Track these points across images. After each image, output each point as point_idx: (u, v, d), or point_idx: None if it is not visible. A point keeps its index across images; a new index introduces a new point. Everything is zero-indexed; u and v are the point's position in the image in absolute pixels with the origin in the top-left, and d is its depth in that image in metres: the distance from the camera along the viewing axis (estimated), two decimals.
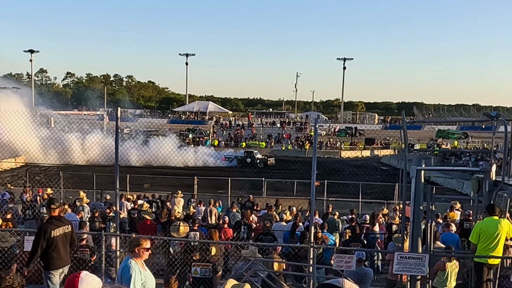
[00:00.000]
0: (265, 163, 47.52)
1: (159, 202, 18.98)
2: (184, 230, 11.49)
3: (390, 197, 23.21)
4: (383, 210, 18.49)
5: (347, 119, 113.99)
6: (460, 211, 16.86)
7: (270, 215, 15.58)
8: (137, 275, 5.80)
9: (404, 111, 11.71)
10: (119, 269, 6.03)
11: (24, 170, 30.60)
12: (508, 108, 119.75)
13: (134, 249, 5.99)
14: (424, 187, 8.71)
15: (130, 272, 5.77)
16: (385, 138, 66.77)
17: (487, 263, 8.48)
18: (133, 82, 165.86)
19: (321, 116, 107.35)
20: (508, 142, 9.54)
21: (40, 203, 17.06)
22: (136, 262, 5.91)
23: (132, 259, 5.92)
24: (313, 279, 9.21)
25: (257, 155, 49.38)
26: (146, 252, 6.04)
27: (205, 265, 9.43)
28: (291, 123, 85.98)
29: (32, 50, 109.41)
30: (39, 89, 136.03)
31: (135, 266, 5.85)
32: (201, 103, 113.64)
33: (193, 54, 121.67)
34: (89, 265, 9.64)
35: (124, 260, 6.03)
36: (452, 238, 11.95)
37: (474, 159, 43.72)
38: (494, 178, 8.85)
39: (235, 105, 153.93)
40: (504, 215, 8.56)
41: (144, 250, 6.01)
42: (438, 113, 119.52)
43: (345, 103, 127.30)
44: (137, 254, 5.98)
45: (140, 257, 5.99)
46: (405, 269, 8.20)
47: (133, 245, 6.03)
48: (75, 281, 3.05)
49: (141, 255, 6.00)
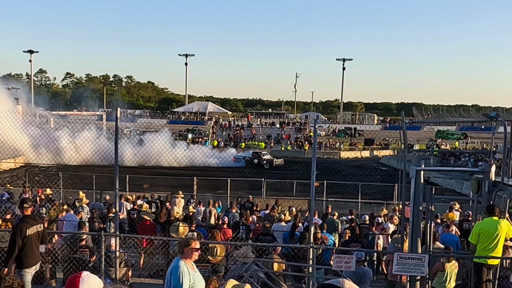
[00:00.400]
0: (271, 164, 47.22)
1: (158, 203, 18.97)
2: (184, 231, 11.49)
3: (390, 198, 23.23)
4: (383, 210, 18.50)
5: (346, 119, 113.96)
6: (459, 212, 16.87)
7: (272, 215, 15.59)
8: (185, 276, 5.79)
9: (404, 111, 11.74)
10: (168, 270, 6.00)
11: (23, 171, 30.57)
12: (507, 109, 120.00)
13: (183, 250, 5.99)
14: (424, 188, 8.71)
15: (179, 273, 5.77)
16: (385, 139, 66.85)
17: (487, 263, 8.49)
18: (132, 83, 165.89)
19: (320, 117, 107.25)
20: (507, 143, 9.54)
21: (39, 204, 17.04)
22: (185, 263, 5.91)
23: (181, 260, 5.92)
24: (313, 279, 9.21)
25: (264, 156, 48.98)
26: (195, 252, 6.04)
27: (205, 266, 9.43)
28: (291, 124, 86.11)
29: (31, 51, 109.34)
30: (38, 90, 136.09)
31: (184, 267, 5.85)
32: (200, 104, 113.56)
33: (192, 55, 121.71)
34: (89, 266, 9.64)
35: (174, 261, 6.02)
36: (452, 238, 11.95)
37: (474, 159, 43.76)
38: (493, 179, 8.85)
39: (235, 106, 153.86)
40: (503, 215, 8.57)
41: (194, 250, 6.01)
42: (438, 114, 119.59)
43: (345, 104, 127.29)
44: (187, 255, 5.97)
45: (189, 258, 5.99)
46: (404, 270, 8.20)
47: (182, 246, 6.03)
48: (76, 281, 3.06)
49: (190, 255, 6.00)
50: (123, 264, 10.10)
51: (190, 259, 6.02)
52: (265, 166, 46.30)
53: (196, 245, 6.05)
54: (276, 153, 59.11)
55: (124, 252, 10.57)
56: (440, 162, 44.06)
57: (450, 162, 44.56)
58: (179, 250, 6.11)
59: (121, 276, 9.86)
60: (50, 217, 14.65)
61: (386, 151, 63.96)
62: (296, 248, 10.64)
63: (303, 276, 10.41)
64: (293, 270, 10.62)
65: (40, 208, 16.21)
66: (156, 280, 11.89)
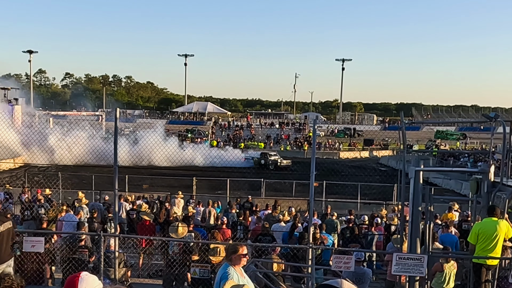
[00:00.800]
0: (275, 164, 46.97)
1: (158, 203, 18.97)
2: (183, 231, 11.49)
3: (389, 198, 23.24)
4: (382, 211, 18.50)
5: (345, 120, 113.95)
6: (458, 212, 16.88)
7: (274, 216, 15.60)
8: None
9: (403, 112, 11.70)
10: (217, 276, 5.87)
11: (22, 171, 30.56)
12: (506, 109, 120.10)
13: (231, 256, 5.88)
14: (423, 188, 8.73)
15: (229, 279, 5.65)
16: (384, 139, 66.88)
17: (486, 264, 8.50)
18: (132, 83, 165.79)
19: (319, 117, 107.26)
20: (506, 143, 9.55)
21: (38, 204, 17.03)
22: (234, 270, 5.81)
23: (230, 267, 5.81)
24: (312, 279, 9.21)
25: (271, 157, 48.40)
26: (243, 258, 5.95)
27: (204, 266, 9.42)
28: (290, 124, 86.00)
29: (31, 51, 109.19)
30: (38, 90, 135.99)
31: (234, 274, 5.76)
32: (199, 104, 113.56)
33: (192, 55, 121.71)
34: (88, 266, 9.63)
35: (223, 268, 5.92)
36: (451, 239, 11.96)
37: (473, 160, 43.79)
38: (492, 179, 8.87)
39: (234, 106, 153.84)
40: (502, 216, 8.58)
41: (242, 256, 5.90)
42: (437, 114, 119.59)
43: (344, 104, 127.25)
44: (235, 261, 5.86)
45: (238, 264, 5.89)
46: (403, 270, 8.21)
47: (230, 252, 5.93)
48: (75, 281, 3.06)
49: (239, 262, 5.89)
50: (122, 265, 10.10)
51: (239, 265, 5.91)
52: (270, 167, 46.08)
53: (243, 250, 5.94)
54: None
55: (123, 253, 10.56)
56: (439, 162, 44.07)
57: (449, 162, 44.58)
58: (226, 257, 6.00)
59: (120, 276, 9.86)
60: (49, 218, 14.64)
61: (385, 151, 63.97)
62: (295, 249, 10.65)
63: (302, 277, 10.41)
64: (292, 270, 10.62)
65: (39, 208, 16.21)
66: (155, 280, 11.89)
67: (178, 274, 9.96)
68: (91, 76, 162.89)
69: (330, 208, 18.24)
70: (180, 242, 10.54)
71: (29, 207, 16.44)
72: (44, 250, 9.45)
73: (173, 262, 10.05)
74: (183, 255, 10.17)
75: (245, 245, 6.22)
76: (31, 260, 9.47)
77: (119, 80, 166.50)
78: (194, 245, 10.50)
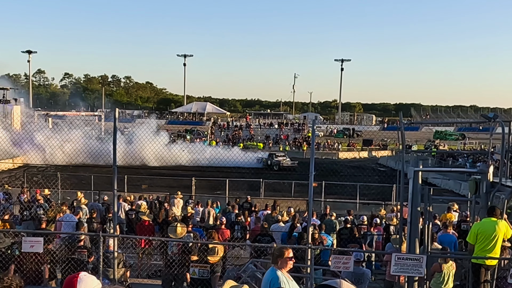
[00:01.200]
0: (279, 165, 46.36)
1: (156, 203, 18.97)
2: (182, 231, 11.49)
3: (388, 198, 23.23)
4: (381, 211, 18.52)
5: (344, 120, 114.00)
6: (457, 212, 16.90)
7: (273, 216, 15.61)
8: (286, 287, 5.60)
9: (402, 112, 11.68)
10: (265, 281, 5.81)
11: (21, 171, 30.54)
12: (505, 110, 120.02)
13: (277, 260, 5.82)
14: (422, 188, 8.73)
15: (279, 283, 5.58)
16: (383, 139, 66.85)
17: (485, 264, 8.50)
18: (131, 83, 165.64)
19: (318, 117, 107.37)
20: (505, 144, 9.57)
21: (37, 204, 17.03)
22: (282, 273, 5.74)
23: (278, 270, 5.75)
24: (311, 280, 9.22)
25: (276, 158, 47.92)
26: (289, 261, 5.86)
27: (203, 266, 9.42)
28: (289, 124, 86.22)
29: (30, 51, 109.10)
30: (37, 90, 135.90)
31: (283, 277, 5.69)
32: (199, 104, 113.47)
33: (191, 55, 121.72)
34: (87, 266, 9.63)
35: (270, 272, 5.84)
36: (449, 239, 11.97)
37: (472, 160, 43.83)
38: (491, 179, 8.88)
39: (233, 106, 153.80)
40: (501, 216, 8.59)
41: (287, 259, 5.82)
42: (436, 115, 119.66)
43: (343, 104, 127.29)
44: (282, 265, 5.80)
45: (284, 267, 5.82)
46: (402, 270, 8.21)
47: (276, 256, 5.86)
48: (73, 281, 3.05)
49: (285, 265, 5.82)
50: (121, 265, 10.10)
51: (285, 269, 5.82)
52: (274, 167, 45.91)
53: (289, 254, 5.86)
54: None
55: (122, 253, 10.56)
56: (438, 162, 44.10)
57: (448, 162, 44.61)
58: (272, 261, 5.93)
59: (119, 276, 9.86)
60: (48, 218, 14.64)
61: (384, 151, 63.95)
62: (294, 249, 10.64)
63: (301, 277, 10.41)
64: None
65: (38, 208, 16.21)
66: (154, 280, 11.88)
67: (177, 274, 9.96)
68: (90, 76, 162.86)
69: (329, 208, 18.25)
70: (179, 242, 10.54)
71: (28, 207, 16.44)
72: (44, 251, 9.45)
73: (172, 262, 10.05)
74: (182, 255, 10.17)
75: (291, 248, 6.11)
76: (30, 260, 9.46)
77: (118, 80, 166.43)
78: (193, 245, 10.49)
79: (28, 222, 14.86)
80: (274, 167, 45.84)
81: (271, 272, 5.79)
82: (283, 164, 46.28)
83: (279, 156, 48.89)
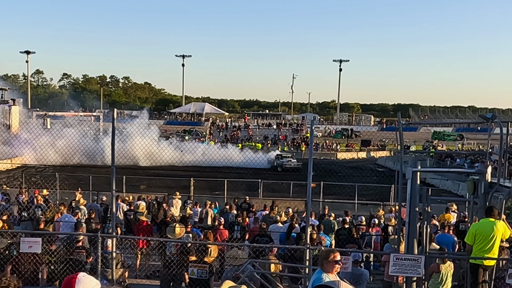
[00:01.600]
0: (281, 166, 46.20)
1: (155, 204, 18.96)
2: (180, 232, 11.49)
3: (386, 199, 23.25)
4: (379, 211, 18.53)
5: (343, 120, 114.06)
6: (456, 213, 16.91)
7: (271, 216, 15.60)
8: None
9: (400, 112, 11.73)
10: (310, 284, 5.70)
11: (20, 171, 30.50)
12: (503, 110, 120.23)
13: (323, 263, 5.72)
14: (420, 189, 8.74)
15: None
16: (381, 140, 66.96)
17: (483, 264, 8.51)
18: (129, 83, 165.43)
19: (317, 118, 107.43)
20: (503, 144, 9.58)
21: (36, 205, 17.01)
22: (328, 277, 5.59)
23: (324, 273, 5.63)
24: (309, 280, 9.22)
25: (281, 159, 47.71)
26: (336, 265, 5.73)
27: (202, 267, 9.42)
28: (287, 125, 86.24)
29: (28, 51, 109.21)
30: (35, 90, 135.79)
31: (327, 280, 5.48)
32: (197, 105, 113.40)
33: (189, 56, 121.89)
34: (85, 267, 9.62)
35: (316, 274, 5.74)
36: (448, 239, 11.98)
37: (470, 160, 43.85)
38: (489, 180, 8.89)
39: (232, 107, 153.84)
40: (499, 216, 8.59)
41: (333, 263, 5.70)
42: (434, 115, 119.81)
43: (341, 105, 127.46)
44: (327, 268, 5.68)
45: (331, 271, 5.69)
46: (401, 271, 8.22)
47: (321, 258, 5.80)
48: (72, 282, 3.05)
49: (331, 269, 5.70)
50: (120, 265, 10.09)
51: (332, 272, 5.69)
52: (278, 168, 45.72)
53: (336, 257, 5.73)
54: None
55: (120, 253, 10.55)
56: (436, 163, 44.15)
57: (446, 163, 44.64)
58: (319, 263, 5.86)
59: (117, 277, 9.85)
60: (46, 218, 14.62)
61: (382, 152, 64.05)
62: (292, 249, 10.65)
63: (299, 277, 10.41)
64: (289, 271, 10.62)
65: (36, 209, 16.19)
66: (152, 281, 11.87)
67: (175, 275, 9.95)
68: (88, 76, 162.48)
69: (327, 208, 18.24)
70: (177, 242, 10.54)
71: (27, 207, 16.41)
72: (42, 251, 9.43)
73: (171, 262, 10.05)
74: (180, 255, 10.17)
75: (337, 252, 5.96)
76: (28, 261, 9.45)
77: (116, 81, 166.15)
78: (192, 245, 10.49)
79: (27, 222, 14.84)
80: (278, 168, 45.66)
81: (316, 274, 5.70)
82: (286, 165, 46.03)
83: (286, 157, 48.60)
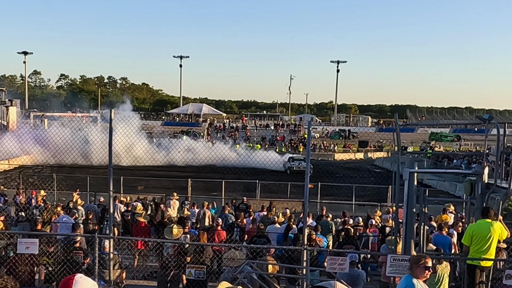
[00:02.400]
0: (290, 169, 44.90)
1: (152, 205, 18.95)
2: (178, 233, 11.48)
3: (384, 200, 23.25)
4: (376, 212, 18.55)
5: (340, 121, 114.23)
6: (453, 214, 16.93)
7: (269, 217, 15.60)
8: None
9: (397, 113, 11.73)
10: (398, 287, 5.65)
11: (17, 172, 30.46)
12: (500, 111, 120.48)
13: (413, 267, 5.63)
14: (417, 190, 8.76)
15: None
16: (379, 141, 67.08)
17: (480, 265, 8.52)
18: (127, 84, 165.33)
19: (314, 119, 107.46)
20: (500, 145, 9.59)
21: (33, 205, 16.99)
22: (418, 282, 5.52)
23: (413, 278, 5.53)
24: (307, 281, 9.22)
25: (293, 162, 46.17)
26: (426, 271, 5.58)
27: (199, 267, 9.41)
28: (285, 126, 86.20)
29: (25, 52, 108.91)
30: (32, 91, 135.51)
31: (418, 286, 5.50)
32: (195, 105, 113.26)
33: (187, 57, 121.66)
34: (83, 268, 9.60)
35: (405, 279, 5.66)
36: (444, 240, 11.99)
37: (467, 161, 43.91)
38: (486, 181, 8.90)
39: (229, 107, 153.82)
40: (496, 217, 8.61)
41: (424, 268, 5.56)
42: (431, 116, 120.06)
43: (339, 106, 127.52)
44: (416, 273, 5.58)
45: (420, 276, 5.58)
46: (398, 272, 8.23)
47: (412, 262, 5.71)
48: (69, 283, 3.05)
49: (421, 274, 5.58)
50: (117, 266, 10.07)
51: (422, 278, 5.58)
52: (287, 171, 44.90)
53: (427, 263, 5.59)
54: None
55: (118, 254, 10.54)
56: (433, 164, 44.16)
57: (443, 164, 44.69)
58: (409, 267, 5.76)
59: (115, 278, 9.83)
60: (43, 219, 14.60)
61: (380, 153, 64.11)
62: (290, 250, 10.65)
63: (297, 278, 10.42)
64: (287, 272, 10.62)
65: (33, 209, 16.16)
66: (150, 282, 11.87)
67: (173, 276, 9.95)
68: (86, 77, 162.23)
69: (325, 209, 18.25)
70: (175, 244, 10.53)
71: (24, 208, 16.39)
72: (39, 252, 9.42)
73: (168, 264, 10.04)
74: (177, 256, 10.16)
75: (430, 258, 5.79)
76: (25, 262, 9.43)
77: (114, 82, 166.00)
78: (189, 246, 10.49)
79: (24, 223, 14.82)
80: (287, 171, 44.78)
81: (406, 280, 5.60)
82: (294, 168, 44.81)
83: (298, 159, 46.91)
